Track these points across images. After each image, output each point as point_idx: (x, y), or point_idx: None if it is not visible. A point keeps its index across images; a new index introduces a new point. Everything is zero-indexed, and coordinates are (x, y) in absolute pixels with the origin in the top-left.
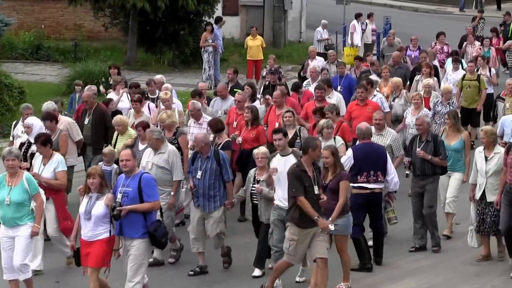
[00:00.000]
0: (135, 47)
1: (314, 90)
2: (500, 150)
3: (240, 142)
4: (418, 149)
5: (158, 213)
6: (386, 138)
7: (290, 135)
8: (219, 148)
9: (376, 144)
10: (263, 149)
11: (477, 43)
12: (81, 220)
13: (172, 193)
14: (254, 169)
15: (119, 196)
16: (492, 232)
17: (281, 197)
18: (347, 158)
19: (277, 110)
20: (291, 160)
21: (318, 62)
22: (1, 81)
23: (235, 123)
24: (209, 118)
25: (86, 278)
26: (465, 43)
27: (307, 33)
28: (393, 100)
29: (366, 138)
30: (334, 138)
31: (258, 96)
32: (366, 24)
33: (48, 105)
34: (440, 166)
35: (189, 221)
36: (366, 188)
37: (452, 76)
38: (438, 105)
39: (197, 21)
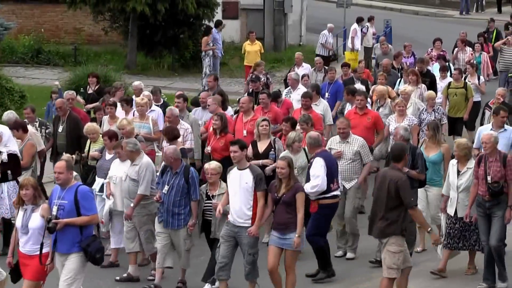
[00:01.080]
0: (135, 51)
1: (301, 98)
2: (473, 165)
3: (209, 151)
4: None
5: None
6: (353, 145)
7: (264, 146)
8: None
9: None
10: (213, 164)
11: (469, 49)
12: (19, 234)
13: (132, 205)
14: (205, 184)
15: (54, 208)
16: (459, 247)
17: (234, 213)
18: (321, 166)
19: (244, 118)
20: (247, 174)
21: (304, 70)
22: (2, 85)
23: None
24: (187, 125)
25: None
26: (456, 49)
27: (307, 37)
28: (377, 109)
29: (319, 147)
30: (304, 149)
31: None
32: (367, 28)
33: (9, 114)
34: (418, 180)
35: None
36: (337, 196)
37: (440, 84)
38: (423, 113)
39: (197, 25)
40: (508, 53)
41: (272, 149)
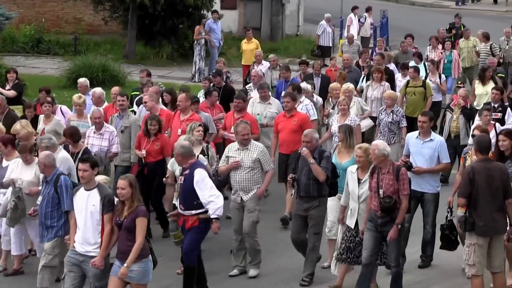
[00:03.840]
0: (134, 40)
1: (234, 99)
2: None
3: (144, 155)
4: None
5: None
6: (253, 152)
7: (196, 153)
8: (77, 157)
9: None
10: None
11: (440, 48)
12: None
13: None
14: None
15: None
16: (359, 262)
17: (78, 239)
18: (209, 181)
19: (181, 116)
20: (95, 195)
21: (264, 67)
22: (2, 74)
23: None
24: (112, 128)
25: None
26: (428, 47)
27: (305, 27)
28: (332, 108)
29: (191, 157)
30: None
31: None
32: (365, 18)
33: None
34: (329, 187)
35: None
36: None
37: (401, 82)
38: (381, 113)
39: (196, 15)
40: (483, 51)
41: (206, 157)
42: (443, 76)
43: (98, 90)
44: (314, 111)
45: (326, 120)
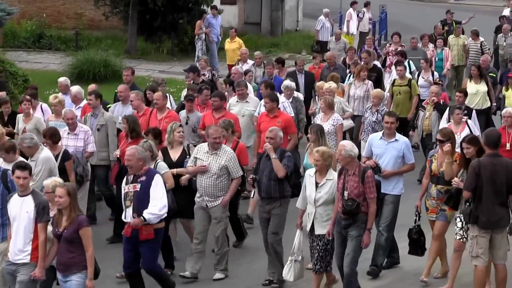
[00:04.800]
0: (135, 36)
1: (211, 98)
2: (333, 176)
3: (118, 155)
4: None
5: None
6: (221, 158)
7: (177, 154)
8: (58, 159)
9: None
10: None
11: (431, 45)
12: None
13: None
14: None
15: None
16: (317, 269)
17: (12, 247)
18: (162, 186)
19: (158, 115)
20: (29, 202)
21: (249, 66)
22: (6, 69)
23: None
24: (86, 128)
25: None
26: (418, 44)
27: (304, 22)
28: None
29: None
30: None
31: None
32: (364, 13)
33: None
34: (292, 188)
35: None
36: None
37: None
38: (366, 112)
39: (196, 10)
40: (473, 49)
41: (187, 156)
42: (435, 73)
43: (75, 88)
44: (290, 109)
45: (313, 118)
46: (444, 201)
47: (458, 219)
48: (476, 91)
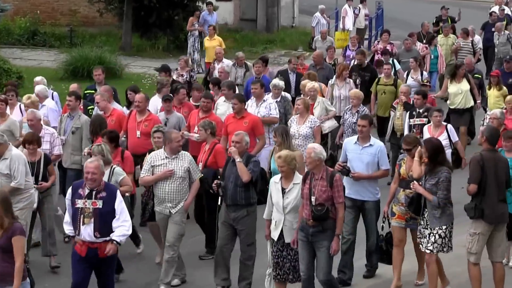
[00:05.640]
0: (130, 32)
1: (202, 98)
2: (300, 179)
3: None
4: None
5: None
6: (183, 161)
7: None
8: (41, 164)
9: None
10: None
11: (419, 44)
12: None
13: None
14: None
15: None
16: (290, 279)
17: None
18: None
19: (138, 116)
20: None
21: (226, 64)
22: (0, 66)
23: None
24: (52, 130)
25: None
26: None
27: (300, 18)
28: None
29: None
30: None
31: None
32: (360, 9)
33: None
34: (258, 194)
35: None
36: None
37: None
38: (346, 113)
39: (191, 7)
40: (464, 48)
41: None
42: (425, 73)
43: (38, 87)
44: (276, 110)
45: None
46: (406, 206)
47: (423, 228)
48: (461, 91)
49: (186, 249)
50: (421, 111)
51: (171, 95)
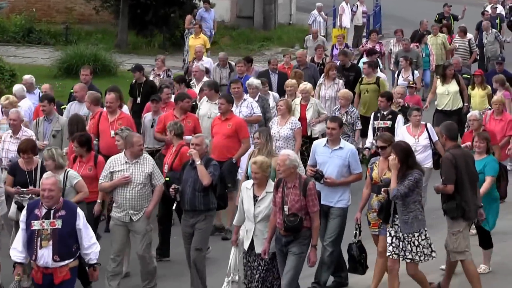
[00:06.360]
0: (126, 30)
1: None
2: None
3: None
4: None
5: None
6: (145, 165)
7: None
8: (38, 172)
9: None
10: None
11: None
12: None
13: None
14: None
15: None
16: None
17: None
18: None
19: (110, 117)
20: None
21: (205, 64)
22: None
23: None
24: (30, 132)
25: None
26: (392, 40)
27: (297, 16)
28: None
29: None
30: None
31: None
32: (357, 6)
33: None
34: (218, 199)
35: None
36: None
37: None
38: (335, 113)
39: (188, 4)
40: (461, 47)
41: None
42: (416, 72)
43: (16, 87)
44: (259, 109)
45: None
46: (377, 213)
47: (388, 233)
48: (447, 92)
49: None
50: (385, 113)
51: (158, 95)
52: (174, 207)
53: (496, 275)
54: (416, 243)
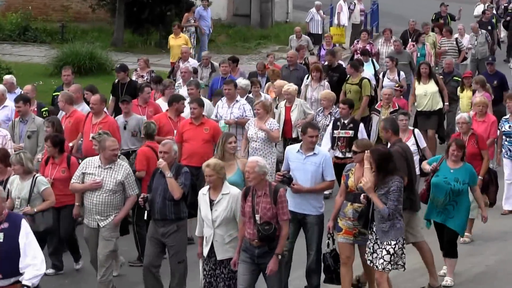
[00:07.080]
0: (122, 28)
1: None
2: (229, 189)
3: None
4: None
5: None
6: (117, 172)
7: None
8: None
9: None
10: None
11: (393, 38)
12: None
13: None
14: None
15: None
16: None
17: None
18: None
19: (94, 119)
20: None
21: (192, 64)
22: None
23: None
24: (5, 132)
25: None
26: (380, 39)
27: (294, 14)
28: (276, 107)
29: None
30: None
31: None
32: (355, 5)
33: None
34: (189, 207)
35: None
36: None
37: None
38: (319, 115)
39: (184, 2)
40: (449, 47)
41: None
42: (402, 73)
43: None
44: (251, 112)
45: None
46: (356, 220)
47: (373, 243)
48: (425, 92)
49: None
50: (346, 122)
51: (129, 96)
52: (145, 217)
53: (496, 275)
54: (392, 251)
